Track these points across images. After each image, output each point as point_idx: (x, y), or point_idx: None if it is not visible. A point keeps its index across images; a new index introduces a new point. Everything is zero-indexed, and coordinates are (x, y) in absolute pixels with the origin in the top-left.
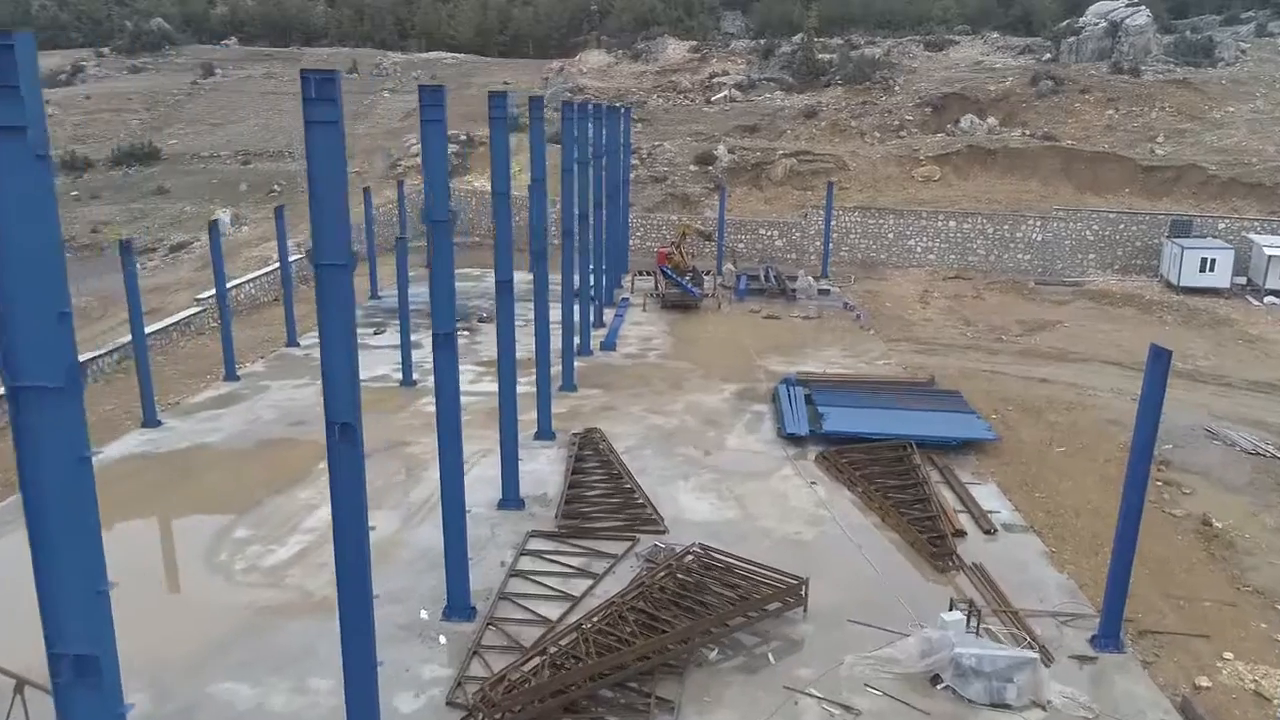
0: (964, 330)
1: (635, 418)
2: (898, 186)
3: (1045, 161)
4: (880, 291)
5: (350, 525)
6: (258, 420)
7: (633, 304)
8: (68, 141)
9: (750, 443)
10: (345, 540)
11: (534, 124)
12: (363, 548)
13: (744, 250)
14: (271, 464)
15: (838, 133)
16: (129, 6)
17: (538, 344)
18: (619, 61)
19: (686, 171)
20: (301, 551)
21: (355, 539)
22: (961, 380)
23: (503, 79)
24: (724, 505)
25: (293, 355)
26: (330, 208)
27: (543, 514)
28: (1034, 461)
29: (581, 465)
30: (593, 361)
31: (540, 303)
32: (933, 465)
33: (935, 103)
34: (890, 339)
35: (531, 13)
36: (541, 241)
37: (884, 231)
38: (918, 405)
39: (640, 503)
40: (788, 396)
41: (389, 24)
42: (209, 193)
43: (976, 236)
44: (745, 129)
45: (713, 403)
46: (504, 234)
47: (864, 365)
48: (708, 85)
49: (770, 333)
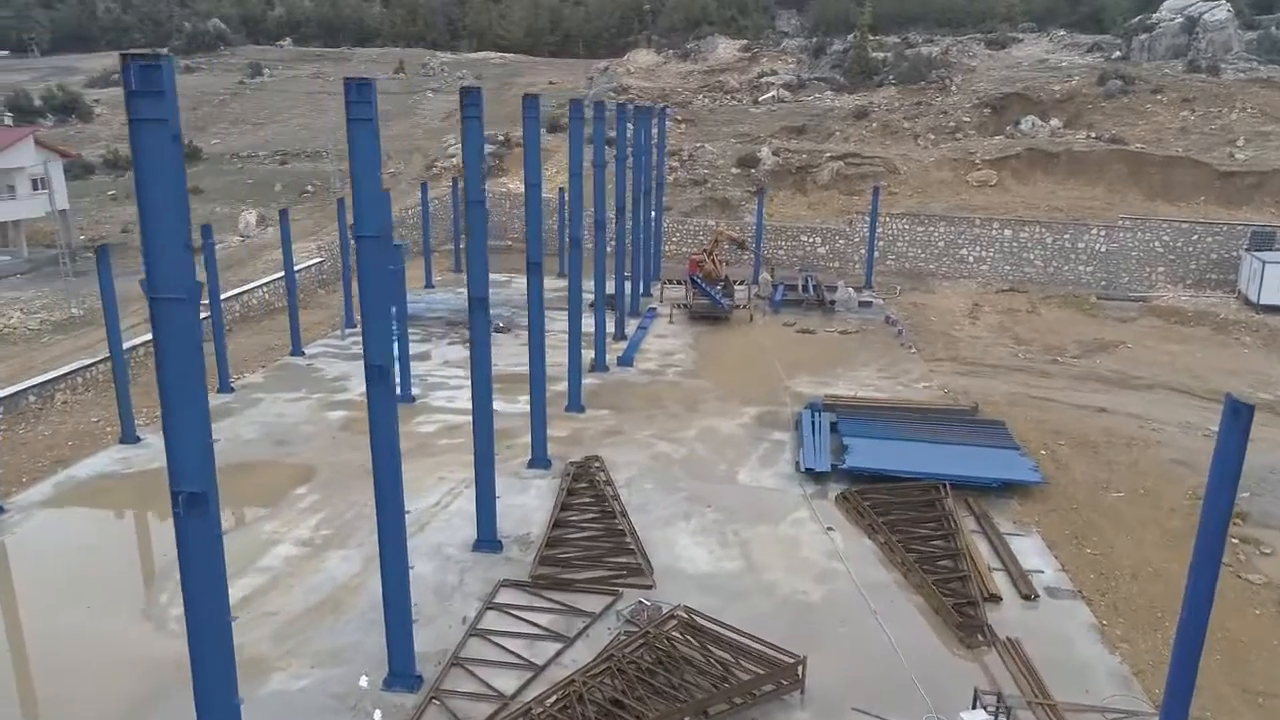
0: (1015, 350)
1: (642, 444)
2: (950, 191)
3: (1112, 166)
4: (926, 304)
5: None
6: (237, 439)
7: (660, 314)
8: (112, 140)
9: (764, 477)
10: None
11: (573, 123)
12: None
13: (784, 257)
14: (241, 490)
15: (889, 134)
16: (189, 8)
17: (532, 361)
18: (667, 61)
19: (728, 174)
20: (245, 599)
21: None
22: (1008, 408)
23: (548, 79)
24: (725, 553)
25: (294, 365)
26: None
27: (521, 558)
28: (1086, 508)
29: (572, 500)
30: (606, 379)
31: (535, 313)
32: (968, 510)
33: (994, 103)
34: (933, 358)
35: (582, 13)
36: (538, 247)
37: (934, 239)
38: (955, 438)
39: (630, 548)
40: (811, 424)
41: (440, 24)
42: (243, 193)
43: (1034, 246)
44: (792, 130)
45: (729, 429)
46: (535, 226)
47: (900, 388)
48: (755, 85)
49: (802, 349)
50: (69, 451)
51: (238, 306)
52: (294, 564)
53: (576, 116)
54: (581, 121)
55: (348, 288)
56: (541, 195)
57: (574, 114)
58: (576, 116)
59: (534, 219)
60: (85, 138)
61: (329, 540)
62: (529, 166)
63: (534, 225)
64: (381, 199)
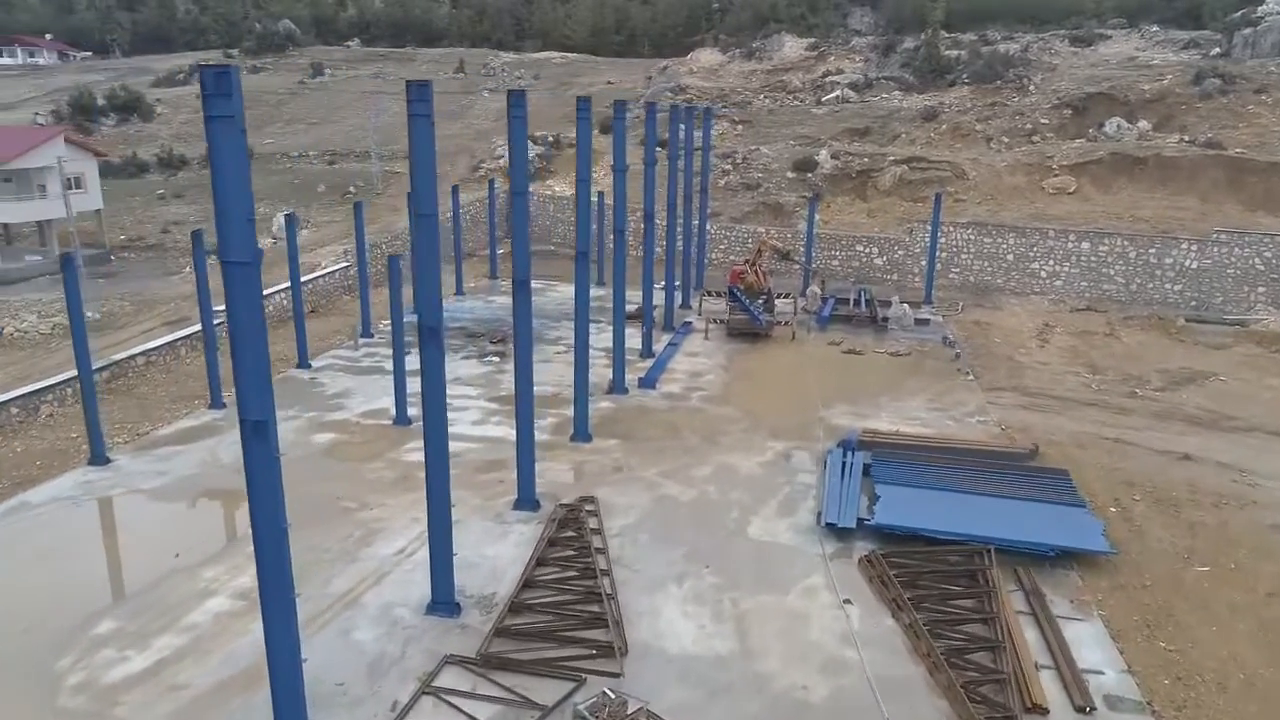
0: (1088, 379)
1: (647, 484)
2: (1024, 199)
3: (1206, 173)
4: (991, 324)
5: None
6: (213, 463)
7: (696, 329)
8: (171, 140)
9: (779, 530)
10: None
11: (616, 122)
12: None
13: (837, 269)
14: (196, 524)
15: (959, 137)
16: (263, 9)
17: (518, 388)
18: (731, 60)
19: (783, 178)
20: (159, 663)
21: None
22: (1075, 451)
23: (607, 79)
24: (717, 630)
25: (296, 379)
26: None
27: (478, 626)
28: (1163, 586)
29: (553, 553)
30: (624, 402)
31: (523, 328)
32: (1017, 583)
33: (1076, 104)
34: (992, 387)
35: (649, 12)
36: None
37: (1002, 251)
38: (1008, 489)
39: (605, 619)
40: (840, 467)
41: (507, 24)
42: (288, 193)
43: (1115, 260)
44: (854, 132)
45: (749, 468)
46: (584, 214)
47: (951, 423)
48: (819, 85)
49: (846, 373)
50: (37, 471)
51: None
52: (222, 622)
53: (517, 114)
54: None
55: (365, 295)
56: (590, 190)
57: (515, 112)
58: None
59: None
60: (144, 136)
61: None
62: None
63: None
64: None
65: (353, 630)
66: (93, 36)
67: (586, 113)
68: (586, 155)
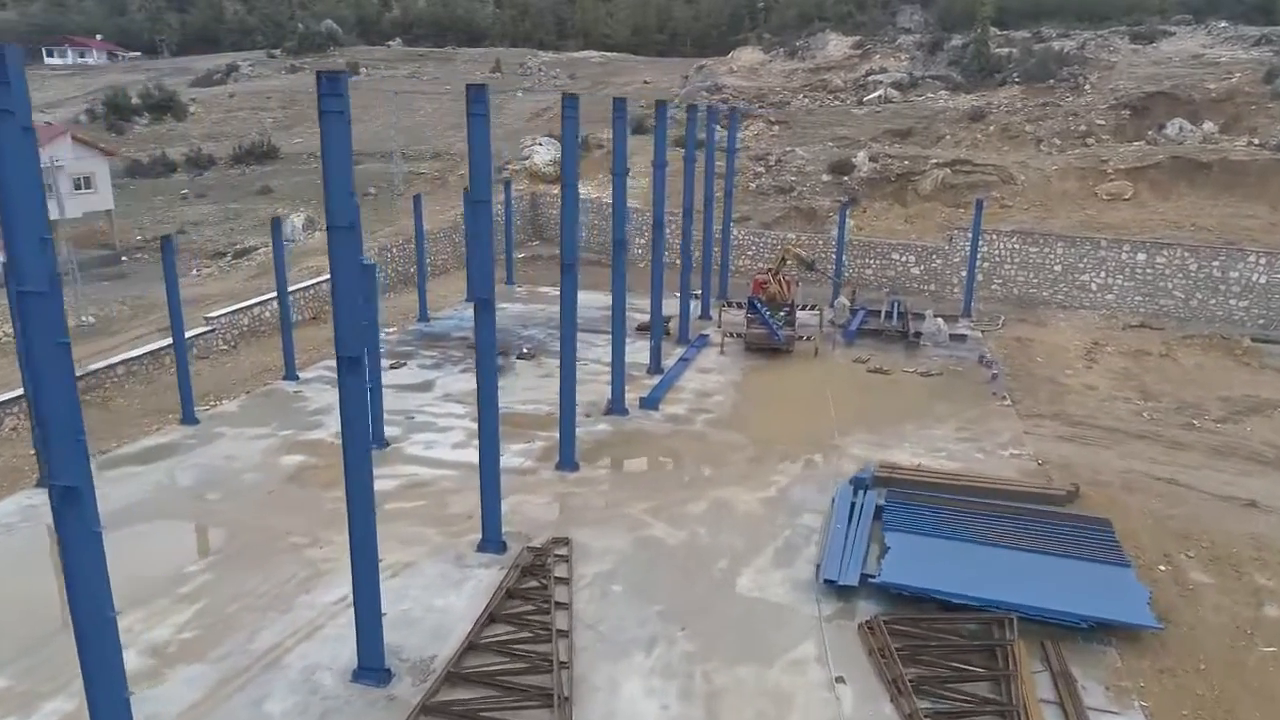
0: (1139, 407)
1: (632, 523)
2: (1075, 205)
3: (1278, 178)
4: (1034, 340)
5: None
6: (165, 488)
7: (713, 343)
8: (202, 139)
9: (772, 585)
10: None
11: (659, 121)
12: None
13: (871, 278)
14: (127, 561)
15: (1007, 139)
16: (308, 10)
17: (481, 411)
18: (773, 60)
19: (818, 182)
20: None
21: None
22: (1121, 494)
23: (643, 79)
24: (683, 712)
25: (280, 392)
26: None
27: (407, 698)
28: (1220, 670)
29: (509, 608)
30: (621, 425)
31: (484, 340)
32: (1043, 662)
33: (1135, 104)
34: (1031, 413)
35: (692, 11)
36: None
37: (1049, 262)
38: (1039, 542)
39: (552, 696)
40: (849, 509)
41: (549, 23)
42: (310, 194)
43: (1174, 274)
44: (896, 133)
45: (748, 505)
46: (620, 205)
47: (980, 456)
48: (861, 84)
49: (869, 394)
50: None
51: (246, 320)
52: None
53: (570, 115)
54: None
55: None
56: (626, 185)
57: (568, 113)
58: (570, 115)
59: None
60: (175, 136)
61: (187, 647)
62: (618, 158)
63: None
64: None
65: (265, 699)
66: (142, 37)
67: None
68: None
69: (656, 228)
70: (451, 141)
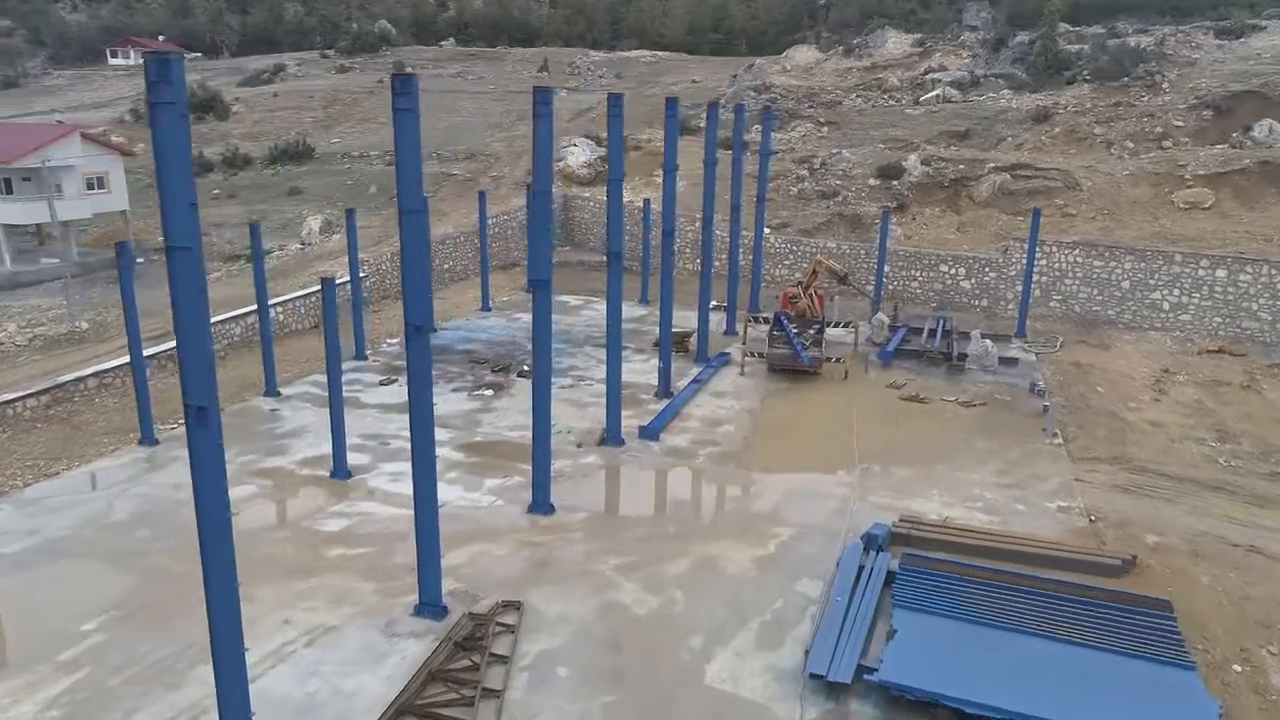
0: (1215, 450)
1: (599, 583)
2: (1147, 215)
3: None
4: (1095, 366)
5: None
6: (100, 521)
7: (734, 361)
8: (241, 139)
9: (749, 674)
10: None
11: (710, 121)
12: None
13: (917, 291)
14: (23, 614)
15: (1074, 141)
16: (365, 10)
17: (416, 449)
18: (829, 58)
19: (864, 186)
20: None
21: None
22: (1188, 564)
23: (692, 78)
24: None
25: (255, 410)
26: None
27: None
28: None
29: (425, 697)
30: (613, 458)
31: (418, 375)
32: None
33: (1219, 103)
34: (1086, 455)
35: (749, 10)
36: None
37: (1116, 278)
38: (1082, 631)
39: None
40: (855, 575)
41: (604, 22)
42: (340, 194)
43: (1260, 293)
44: (953, 135)
45: (740, 564)
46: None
47: (1021, 509)
48: (918, 83)
49: (900, 426)
50: None
51: (238, 330)
52: None
53: (615, 114)
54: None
55: (357, 313)
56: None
57: (613, 111)
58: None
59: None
60: (215, 135)
61: None
62: (669, 155)
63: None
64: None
65: None
66: (204, 38)
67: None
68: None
69: (666, 236)
70: (489, 142)
